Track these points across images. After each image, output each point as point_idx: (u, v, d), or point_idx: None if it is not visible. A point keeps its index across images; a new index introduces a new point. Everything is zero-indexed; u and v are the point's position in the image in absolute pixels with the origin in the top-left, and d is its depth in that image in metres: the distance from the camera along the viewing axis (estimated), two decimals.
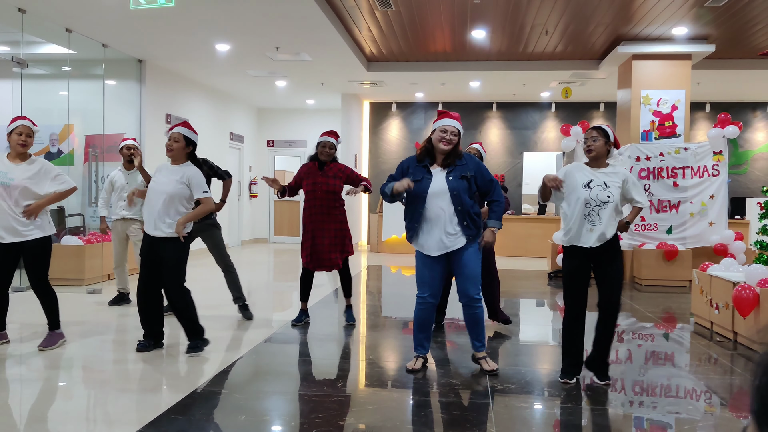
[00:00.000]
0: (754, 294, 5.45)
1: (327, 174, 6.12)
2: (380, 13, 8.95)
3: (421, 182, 4.55)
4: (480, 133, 15.59)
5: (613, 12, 8.83)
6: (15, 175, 5.10)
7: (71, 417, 3.72)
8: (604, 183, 4.38)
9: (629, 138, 10.35)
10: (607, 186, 4.37)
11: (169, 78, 11.98)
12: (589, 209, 4.38)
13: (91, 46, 9.86)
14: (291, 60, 10.92)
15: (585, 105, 15.22)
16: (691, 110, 11.97)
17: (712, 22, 9.23)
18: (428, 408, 4.00)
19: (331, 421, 3.64)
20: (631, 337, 6.18)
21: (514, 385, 4.46)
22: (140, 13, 8.32)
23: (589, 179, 4.41)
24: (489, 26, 9.61)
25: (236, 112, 15.35)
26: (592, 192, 4.37)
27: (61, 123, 10.24)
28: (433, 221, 4.53)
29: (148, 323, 5.22)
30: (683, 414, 3.98)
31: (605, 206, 4.34)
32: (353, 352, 5.56)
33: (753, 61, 11.19)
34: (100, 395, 4.17)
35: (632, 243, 9.83)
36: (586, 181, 4.42)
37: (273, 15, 8.44)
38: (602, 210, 4.35)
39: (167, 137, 5.16)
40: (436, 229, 4.53)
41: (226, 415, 3.76)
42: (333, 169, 6.14)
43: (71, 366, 4.88)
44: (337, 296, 8.55)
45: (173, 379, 4.56)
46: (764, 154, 14.74)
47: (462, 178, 4.53)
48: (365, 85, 13.47)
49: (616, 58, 10.64)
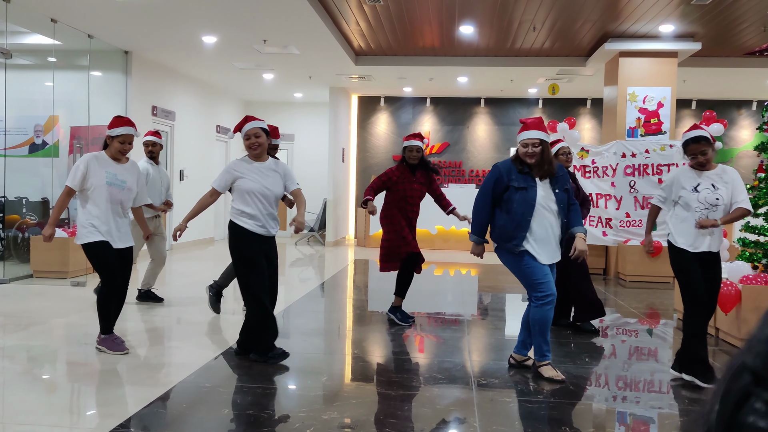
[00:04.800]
0: (736, 290, 5.50)
1: (419, 180, 6.22)
2: (368, 7, 8.93)
3: (527, 191, 4.45)
4: (468, 128, 15.61)
5: (601, 9, 8.86)
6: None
7: (54, 409, 3.70)
8: (713, 186, 4.38)
9: (615, 135, 10.41)
10: (715, 189, 4.37)
11: (155, 70, 11.90)
12: (699, 213, 4.39)
13: (76, 36, 9.77)
14: (278, 53, 10.88)
15: (572, 101, 15.27)
16: (676, 108, 12.03)
17: (698, 20, 9.29)
18: (412, 402, 4.02)
19: (315, 416, 3.65)
20: (615, 333, 6.22)
21: (498, 379, 4.49)
22: (126, 4, 8.26)
23: (697, 183, 4.41)
24: (477, 22, 9.61)
25: (223, 104, 15.28)
26: (700, 195, 4.40)
27: (46, 114, 10.15)
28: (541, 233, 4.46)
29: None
30: (665, 409, 4.02)
31: (716, 208, 4.36)
32: (338, 347, 5.56)
33: (738, 60, 11.27)
34: (83, 388, 4.15)
35: (617, 239, 9.89)
36: (694, 184, 4.42)
37: (260, 7, 8.40)
38: (712, 213, 4.37)
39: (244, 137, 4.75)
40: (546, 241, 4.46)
41: (209, 409, 3.76)
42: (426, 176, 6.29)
43: (55, 359, 4.86)
44: (323, 291, 8.55)
45: (157, 372, 4.54)
46: (749, 152, 14.86)
47: (564, 191, 4.53)
48: (353, 79, 13.44)
49: (603, 55, 10.68)
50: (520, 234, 4.43)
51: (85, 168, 4.88)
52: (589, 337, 5.97)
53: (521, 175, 4.50)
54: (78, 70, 10.58)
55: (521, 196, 4.44)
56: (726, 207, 4.36)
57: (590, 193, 9.81)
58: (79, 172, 4.87)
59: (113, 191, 4.91)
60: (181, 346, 5.31)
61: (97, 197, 4.88)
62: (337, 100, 14.54)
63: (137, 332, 5.79)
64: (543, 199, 4.44)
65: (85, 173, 4.87)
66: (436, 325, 6.46)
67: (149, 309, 6.73)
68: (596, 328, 6.13)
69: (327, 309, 7.40)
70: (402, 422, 3.62)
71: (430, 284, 9.26)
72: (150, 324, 6.13)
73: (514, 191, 4.46)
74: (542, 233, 4.43)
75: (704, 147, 4.37)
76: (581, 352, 5.43)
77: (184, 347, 5.23)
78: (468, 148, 15.58)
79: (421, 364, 4.98)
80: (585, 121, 15.33)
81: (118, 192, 4.94)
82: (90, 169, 4.89)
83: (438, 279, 10.04)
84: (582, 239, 4.48)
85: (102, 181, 4.86)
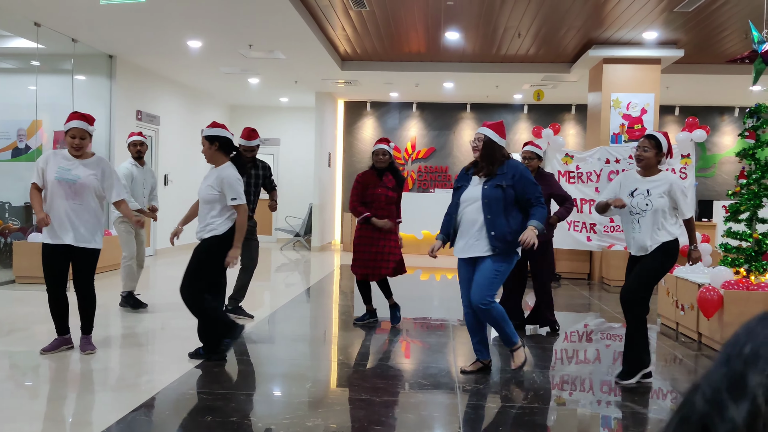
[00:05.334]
0: (718, 296, 5.55)
1: (385, 185, 6.19)
2: (354, 12, 8.94)
3: (460, 191, 4.65)
4: (454, 133, 15.65)
5: (585, 16, 8.93)
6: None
7: (37, 417, 3.66)
8: (647, 191, 4.43)
9: (599, 141, 10.47)
10: (649, 194, 4.41)
11: (140, 74, 11.84)
12: (632, 218, 4.47)
13: (60, 40, 9.70)
14: (264, 57, 10.86)
15: (556, 107, 15.36)
16: (660, 114, 12.12)
17: (681, 28, 9.38)
18: (397, 408, 4.01)
19: (299, 422, 3.63)
20: (599, 338, 6.25)
21: (483, 385, 4.49)
22: (111, 8, 8.21)
23: (635, 188, 4.48)
24: (462, 28, 9.65)
25: (208, 109, 15.22)
26: (634, 200, 4.45)
27: (29, 118, 10.06)
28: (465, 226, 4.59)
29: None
30: (650, 413, 4.05)
31: (644, 214, 4.40)
32: (323, 353, 5.55)
33: (721, 67, 11.38)
34: (66, 395, 4.12)
35: (601, 244, 9.95)
36: (631, 189, 4.50)
37: (246, 12, 8.38)
38: (642, 218, 4.41)
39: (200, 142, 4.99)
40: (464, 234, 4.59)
41: (192, 415, 3.73)
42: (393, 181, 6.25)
43: (37, 365, 4.81)
44: (309, 296, 8.52)
45: (140, 378, 4.51)
46: (731, 158, 15.00)
47: (497, 187, 4.52)
48: (339, 84, 13.44)
49: (587, 61, 10.75)
50: (454, 236, 4.67)
51: (44, 163, 4.90)
52: (575, 341, 5.99)
53: (466, 175, 4.71)
54: (62, 74, 10.50)
55: (456, 196, 4.68)
56: (657, 214, 4.38)
57: (575, 198, 9.87)
58: (37, 167, 4.91)
59: (64, 186, 4.84)
60: (165, 351, 5.28)
61: (49, 193, 4.87)
62: (324, 105, 14.53)
63: (121, 338, 5.75)
64: (470, 196, 4.57)
65: (43, 168, 4.88)
66: (421, 330, 6.47)
67: (134, 314, 6.68)
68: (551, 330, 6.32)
69: (312, 314, 7.38)
70: (387, 428, 3.61)
71: (416, 289, 9.27)
72: (134, 329, 6.08)
73: (456, 192, 4.70)
74: (464, 227, 4.59)
75: (646, 144, 4.46)
76: (565, 357, 5.45)
77: (168, 353, 5.19)
78: (454, 153, 15.62)
79: (406, 369, 4.98)
80: (569, 126, 15.42)
81: (69, 187, 4.84)
82: (48, 165, 4.89)
83: (424, 284, 10.05)
84: (531, 230, 4.45)
85: (52, 176, 4.83)
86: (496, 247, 4.45)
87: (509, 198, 4.51)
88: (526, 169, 4.67)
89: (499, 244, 4.45)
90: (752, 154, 6.06)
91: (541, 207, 4.54)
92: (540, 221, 4.47)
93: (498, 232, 4.45)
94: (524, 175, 4.58)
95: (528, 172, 4.68)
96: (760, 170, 5.99)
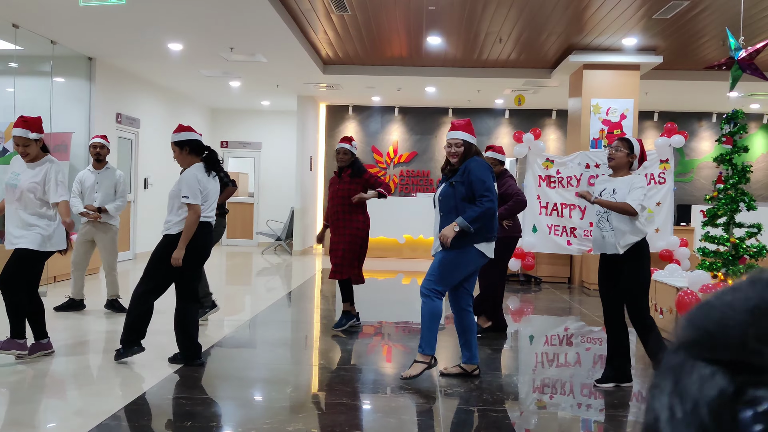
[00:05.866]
0: (696, 299, 5.60)
1: (344, 180, 6.15)
2: (336, 16, 8.94)
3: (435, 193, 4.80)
4: (436, 138, 15.70)
5: (565, 22, 9.00)
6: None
7: (14, 422, 3.61)
8: (613, 190, 4.48)
9: (579, 146, 10.55)
10: (614, 193, 4.46)
11: (120, 76, 11.74)
12: (599, 216, 4.52)
13: (39, 42, 9.59)
14: (245, 61, 10.82)
15: (537, 112, 15.46)
16: (639, 119, 12.25)
17: (660, 34, 9.49)
18: (377, 413, 4.01)
19: (280, 427, 3.61)
20: (579, 341, 6.29)
21: (463, 389, 4.50)
22: (90, 10, 8.14)
23: (603, 187, 4.56)
24: (444, 33, 9.68)
25: (189, 112, 15.13)
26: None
27: (7, 121, 9.92)
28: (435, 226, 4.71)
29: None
30: (630, 416, 4.07)
31: (612, 212, 4.43)
32: (304, 357, 5.53)
33: (699, 73, 11.52)
34: (44, 400, 4.06)
35: (581, 248, 10.01)
36: (600, 189, 4.57)
37: (227, 15, 8.35)
38: (610, 216, 4.45)
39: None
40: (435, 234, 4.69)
41: (172, 421, 3.70)
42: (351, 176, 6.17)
43: (14, 370, 4.73)
44: (290, 300, 8.49)
45: (119, 383, 4.46)
46: (709, 163, 15.18)
47: (450, 185, 4.60)
48: (321, 88, 13.43)
49: (567, 67, 10.84)
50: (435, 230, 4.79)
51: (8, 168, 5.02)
52: (555, 344, 6.02)
53: (443, 176, 4.81)
54: (40, 76, 10.39)
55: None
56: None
57: (555, 202, 9.93)
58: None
59: (9, 191, 4.91)
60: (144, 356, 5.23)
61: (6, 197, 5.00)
62: (305, 109, 14.51)
63: (100, 341, 5.69)
64: (437, 196, 4.72)
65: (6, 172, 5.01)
66: (402, 334, 6.46)
67: (114, 318, 6.61)
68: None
69: (293, 319, 7.35)
70: None
71: (397, 293, 9.27)
72: (113, 333, 6.01)
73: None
74: (434, 227, 4.71)
75: (619, 144, 4.52)
76: (546, 361, 5.47)
77: (147, 358, 5.14)
78: (436, 157, 15.66)
79: (387, 374, 4.97)
80: (550, 131, 15.53)
81: (11, 192, 4.89)
82: (9, 169, 5.00)
83: (405, 288, 10.05)
84: (449, 227, 4.48)
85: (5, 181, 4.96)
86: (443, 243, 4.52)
87: (459, 195, 4.56)
88: (478, 166, 4.58)
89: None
90: (729, 159, 6.14)
91: (479, 205, 4.48)
92: (466, 219, 4.45)
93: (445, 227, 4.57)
94: (472, 170, 4.55)
95: (480, 168, 4.58)
96: (737, 175, 6.08)
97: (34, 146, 4.89)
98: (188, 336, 4.84)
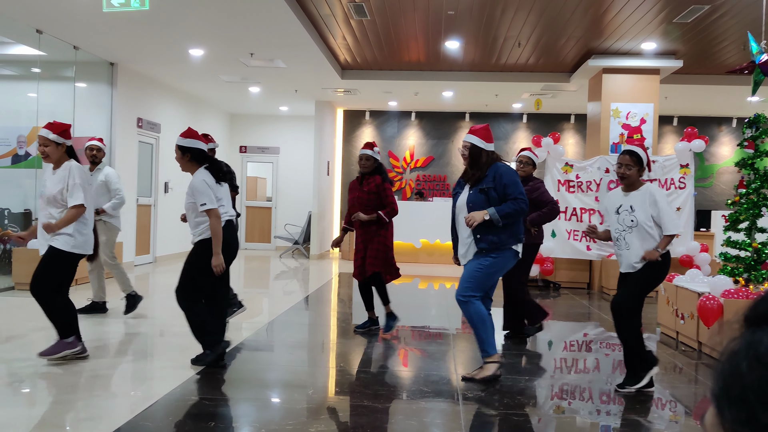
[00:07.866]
0: (718, 305, 5.56)
1: (363, 189, 6.15)
2: (355, 21, 8.99)
3: (456, 198, 4.78)
4: (453, 142, 15.69)
5: (585, 26, 8.98)
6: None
7: (37, 423, 3.66)
8: (631, 207, 4.41)
9: (599, 150, 10.51)
10: (633, 210, 4.40)
11: (141, 81, 11.87)
12: (617, 234, 4.47)
13: (61, 47, 9.73)
14: (265, 66, 10.90)
15: (556, 117, 15.41)
16: (659, 124, 12.17)
17: (680, 38, 9.43)
18: (398, 415, 4.01)
19: (302, 428, 3.64)
20: (599, 347, 6.26)
21: (485, 392, 4.50)
22: (113, 16, 8.24)
23: (620, 204, 4.48)
24: (463, 37, 9.70)
25: (208, 117, 15.25)
26: (620, 217, 4.44)
27: (30, 125, 10.07)
28: (460, 233, 4.73)
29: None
30: (650, 422, 4.05)
31: (630, 230, 4.39)
32: (323, 360, 5.55)
33: (719, 77, 11.44)
34: (66, 401, 4.11)
35: (601, 254, 9.97)
36: (616, 206, 4.49)
37: (247, 21, 8.42)
38: (628, 234, 4.40)
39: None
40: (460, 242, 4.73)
41: (195, 421, 3.73)
42: (370, 184, 6.14)
43: (36, 372, 4.80)
44: (308, 304, 8.53)
45: (141, 385, 4.51)
46: (729, 168, 15.05)
47: (480, 192, 4.59)
48: (339, 93, 13.48)
49: (586, 71, 10.80)
50: (452, 237, 4.88)
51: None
52: (575, 350, 6.00)
53: (461, 181, 4.82)
54: (63, 81, 10.52)
55: (454, 204, 4.81)
56: (642, 228, 4.36)
57: (574, 207, 9.89)
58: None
59: (41, 198, 5.08)
60: (166, 358, 5.28)
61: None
62: (323, 114, 14.57)
63: (121, 344, 5.75)
64: (461, 203, 4.70)
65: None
66: (421, 338, 6.47)
67: (132, 321, 6.67)
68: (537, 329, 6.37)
69: (311, 322, 7.38)
70: None
71: (415, 298, 9.27)
72: (133, 336, 6.08)
73: (453, 201, 4.84)
74: (460, 235, 4.74)
75: (627, 161, 4.43)
76: (565, 366, 5.45)
77: (169, 359, 5.19)
78: (453, 162, 15.66)
79: (406, 377, 4.98)
80: (569, 136, 15.47)
81: (42, 199, 5.07)
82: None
83: (422, 293, 10.05)
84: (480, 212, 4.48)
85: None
86: (482, 249, 4.56)
87: (492, 201, 4.57)
88: (508, 171, 4.64)
89: (484, 245, 4.56)
90: (751, 163, 6.09)
91: (515, 204, 4.51)
92: (499, 212, 4.47)
93: (483, 235, 4.55)
94: (504, 174, 4.59)
95: (510, 172, 4.64)
96: (759, 180, 6.02)
97: (54, 148, 4.98)
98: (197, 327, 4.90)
